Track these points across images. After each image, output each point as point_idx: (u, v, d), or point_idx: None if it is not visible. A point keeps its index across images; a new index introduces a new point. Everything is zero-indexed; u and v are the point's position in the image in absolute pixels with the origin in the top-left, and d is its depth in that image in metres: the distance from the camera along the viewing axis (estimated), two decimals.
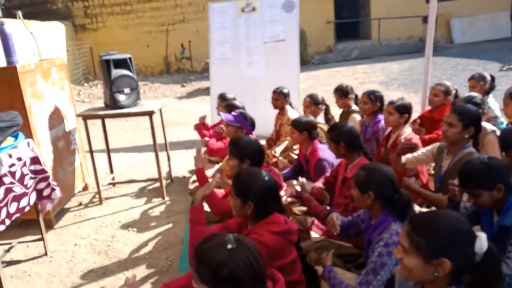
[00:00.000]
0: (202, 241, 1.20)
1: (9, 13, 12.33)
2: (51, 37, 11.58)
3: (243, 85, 5.71)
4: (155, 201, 3.85)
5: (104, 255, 2.98)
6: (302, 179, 2.59)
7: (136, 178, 4.44)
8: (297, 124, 2.95)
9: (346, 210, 2.24)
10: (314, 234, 2.48)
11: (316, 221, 2.61)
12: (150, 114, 3.71)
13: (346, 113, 3.81)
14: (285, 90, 3.94)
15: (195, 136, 6.15)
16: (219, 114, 4.16)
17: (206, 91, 10.31)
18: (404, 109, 2.91)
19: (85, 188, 4.16)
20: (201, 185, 2.37)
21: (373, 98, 3.31)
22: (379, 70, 10.94)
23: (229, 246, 1.13)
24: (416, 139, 2.91)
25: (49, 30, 11.60)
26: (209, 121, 4.64)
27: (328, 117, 3.80)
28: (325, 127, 3.55)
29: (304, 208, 2.83)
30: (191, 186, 3.49)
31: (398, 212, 1.69)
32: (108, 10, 14.00)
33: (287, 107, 3.95)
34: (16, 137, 2.74)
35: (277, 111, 4.14)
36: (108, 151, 4.33)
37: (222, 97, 3.96)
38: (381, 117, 3.31)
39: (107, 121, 4.22)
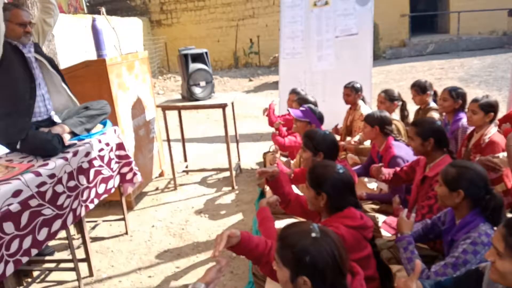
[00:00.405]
0: (287, 226, 1.25)
1: (93, 10, 13.37)
2: (130, 32, 12.35)
3: (312, 79, 5.69)
4: (225, 190, 3.99)
5: (179, 237, 3.16)
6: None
7: (207, 167, 4.64)
8: (369, 119, 2.90)
9: (431, 212, 2.14)
10: (385, 233, 2.43)
11: (388, 220, 2.55)
12: (223, 107, 3.85)
13: (424, 111, 3.64)
14: (357, 85, 3.86)
15: (262, 129, 6.27)
16: (288, 110, 4.20)
17: (273, 85, 10.40)
18: (489, 108, 2.71)
19: (161, 174, 4.42)
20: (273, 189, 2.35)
21: (455, 95, 3.13)
22: (457, 66, 10.26)
23: (314, 234, 1.16)
24: (501, 139, 2.72)
25: (128, 25, 12.39)
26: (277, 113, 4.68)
27: (404, 114, 3.66)
28: (400, 124, 3.43)
29: (375, 206, 2.78)
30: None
31: (488, 214, 1.60)
32: (183, 6, 14.60)
33: (360, 102, 3.87)
34: (104, 124, 2.98)
35: (347, 106, 4.07)
36: (183, 140, 4.56)
37: (295, 92, 3.96)
38: (462, 115, 3.13)
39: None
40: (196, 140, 5.96)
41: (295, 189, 2.49)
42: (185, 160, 4.62)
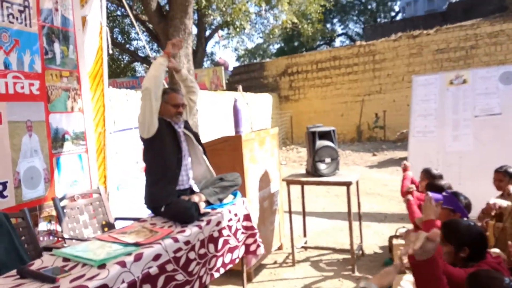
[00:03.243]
0: None
1: (231, 87, 14.94)
2: (261, 106, 13.40)
3: (445, 160, 5.29)
4: (345, 274, 3.77)
5: None
6: None
7: (327, 245, 4.49)
8: None
9: None
10: None
11: None
12: (347, 184, 3.78)
13: None
14: (511, 170, 3.43)
15: (387, 208, 5.92)
16: (418, 191, 3.88)
17: (399, 162, 9.87)
18: None
19: (280, 248, 4.42)
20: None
21: None
22: None
23: None
24: None
25: (260, 100, 13.47)
26: None
27: None
28: None
29: None
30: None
31: None
32: (310, 83, 15.41)
33: None
34: (235, 195, 3.16)
35: (488, 191, 3.61)
36: (304, 215, 4.55)
37: (427, 172, 3.68)
38: None
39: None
40: (315, 214, 5.88)
41: None
42: (305, 235, 4.56)
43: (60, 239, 3.19)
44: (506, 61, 12.14)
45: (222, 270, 2.78)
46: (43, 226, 3.34)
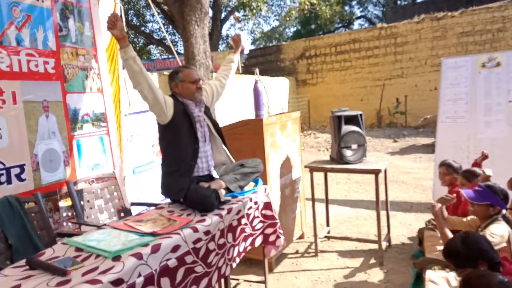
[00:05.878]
0: None
1: (247, 70, 14.66)
2: (277, 90, 13.13)
3: (477, 147, 4.98)
4: (371, 266, 3.57)
5: None
6: None
7: (350, 235, 4.30)
8: None
9: None
10: None
11: None
12: (376, 173, 3.56)
13: None
14: None
15: (412, 197, 5.67)
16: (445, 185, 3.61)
17: (422, 149, 9.59)
18: None
19: (301, 237, 4.24)
20: None
21: None
22: None
23: None
24: None
25: (277, 84, 13.19)
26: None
27: None
28: None
29: None
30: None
31: None
32: (329, 67, 15.01)
33: None
34: (256, 182, 2.98)
35: None
36: (327, 203, 4.34)
37: (449, 166, 3.43)
38: None
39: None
40: (337, 202, 5.68)
41: None
42: (327, 224, 4.37)
43: (77, 225, 3.08)
44: None
45: (237, 260, 2.62)
46: (64, 210, 3.22)
